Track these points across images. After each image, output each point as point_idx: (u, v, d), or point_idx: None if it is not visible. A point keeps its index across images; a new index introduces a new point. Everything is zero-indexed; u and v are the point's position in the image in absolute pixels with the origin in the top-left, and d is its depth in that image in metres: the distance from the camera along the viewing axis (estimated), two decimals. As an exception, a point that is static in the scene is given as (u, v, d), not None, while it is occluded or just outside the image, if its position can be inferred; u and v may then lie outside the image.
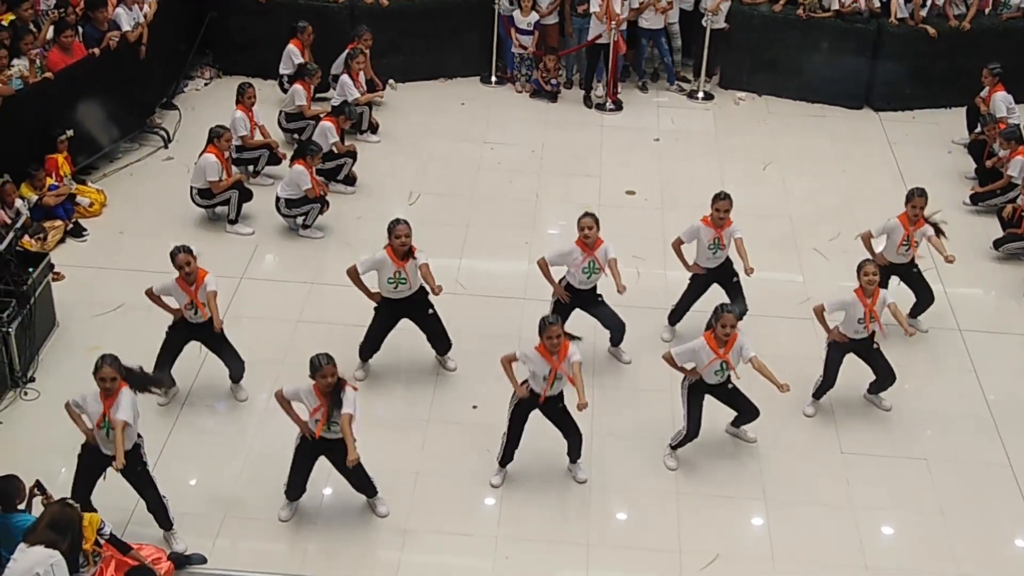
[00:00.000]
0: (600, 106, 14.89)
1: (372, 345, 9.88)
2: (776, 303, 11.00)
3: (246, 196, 11.99)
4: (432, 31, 14.96)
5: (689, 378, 8.92)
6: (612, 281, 9.49)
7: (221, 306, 9.40)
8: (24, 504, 7.65)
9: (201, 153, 11.74)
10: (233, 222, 11.97)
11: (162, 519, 8.27)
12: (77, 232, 11.77)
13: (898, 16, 14.55)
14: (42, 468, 8.23)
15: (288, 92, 13.53)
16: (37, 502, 7.72)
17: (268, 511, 8.67)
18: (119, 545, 7.72)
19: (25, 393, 9.64)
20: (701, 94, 15.19)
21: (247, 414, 9.63)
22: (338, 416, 8.02)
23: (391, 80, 14.88)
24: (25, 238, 10.71)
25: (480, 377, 9.87)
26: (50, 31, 12.34)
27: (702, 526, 8.75)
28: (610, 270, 9.56)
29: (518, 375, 8.68)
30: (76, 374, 9.38)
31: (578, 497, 8.94)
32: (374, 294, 9.66)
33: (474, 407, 9.72)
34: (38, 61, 11.90)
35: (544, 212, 12.55)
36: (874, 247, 10.47)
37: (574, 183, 13.13)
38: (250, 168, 12.73)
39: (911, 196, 10.23)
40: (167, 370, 9.50)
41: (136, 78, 13.16)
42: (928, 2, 14.58)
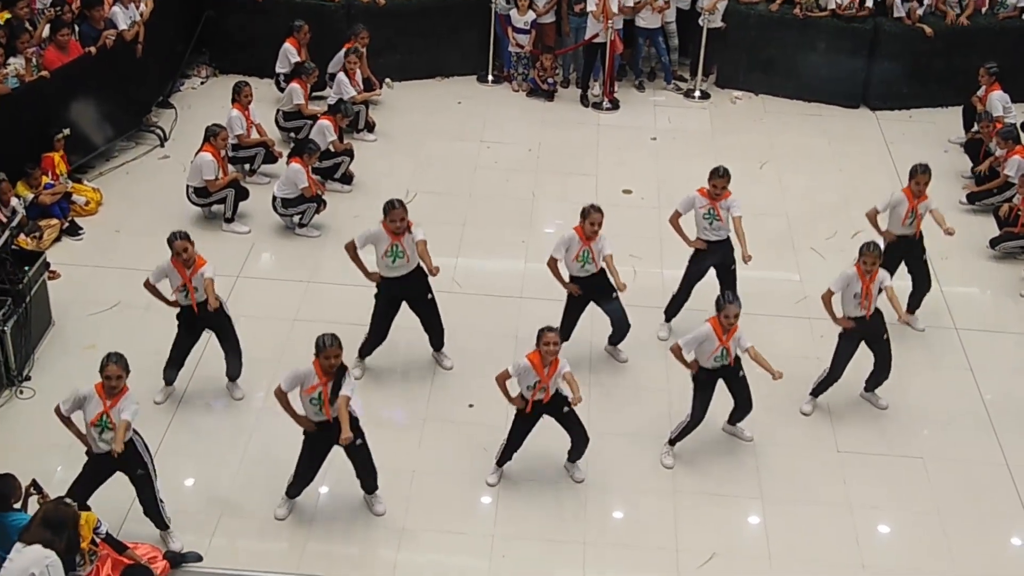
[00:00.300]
0: (597, 105, 14.89)
1: (378, 335, 9.83)
2: (773, 302, 11.01)
3: (242, 195, 11.98)
4: (429, 30, 14.95)
5: (692, 370, 8.94)
6: (613, 276, 9.49)
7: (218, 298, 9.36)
8: (20, 503, 7.65)
9: (197, 152, 11.73)
10: (229, 221, 11.96)
11: (156, 520, 8.27)
12: (73, 231, 11.75)
13: (895, 15, 14.57)
14: (38, 467, 8.23)
15: (285, 91, 13.52)
16: (33, 501, 7.71)
17: (265, 510, 8.66)
18: (115, 544, 7.71)
19: (21, 392, 9.63)
20: (698, 93, 15.19)
21: (244, 412, 9.62)
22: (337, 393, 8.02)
23: (388, 79, 14.87)
24: (21, 237, 10.69)
25: (477, 376, 9.85)
26: (46, 29, 12.32)
27: (699, 524, 8.75)
28: (607, 267, 9.55)
29: (513, 389, 8.66)
30: (72, 373, 9.39)
31: (575, 496, 8.94)
32: (372, 274, 9.65)
33: (471, 406, 9.71)
34: (34, 59, 11.88)
35: (541, 211, 12.55)
36: (880, 224, 10.47)
37: (571, 182, 13.13)
38: (246, 167, 12.72)
39: (914, 172, 10.30)
40: (176, 368, 9.55)
41: (132, 77, 13.14)
42: (925, 1, 14.60)
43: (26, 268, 9.85)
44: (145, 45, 13.17)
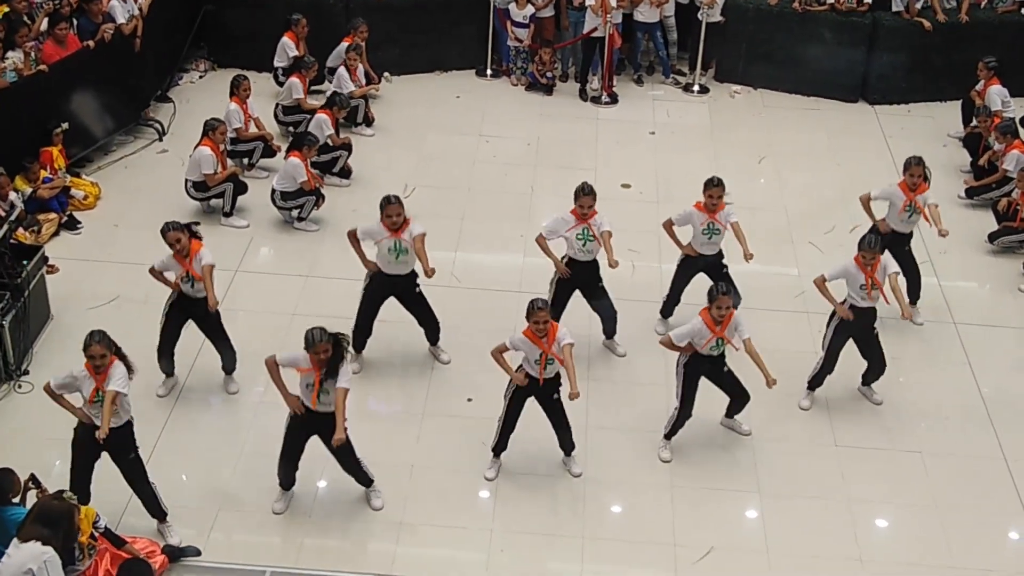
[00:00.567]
0: (596, 99, 14.88)
1: (364, 327, 9.83)
2: (771, 296, 11.01)
3: (241, 189, 11.98)
4: (428, 24, 14.94)
5: (684, 354, 8.91)
6: (619, 273, 9.52)
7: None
8: (19, 498, 7.66)
9: (196, 146, 11.73)
10: (228, 215, 11.95)
11: (154, 509, 8.27)
12: (71, 225, 11.75)
13: (894, 9, 14.56)
14: (37, 461, 8.24)
15: (285, 85, 13.51)
16: (32, 496, 7.72)
17: (263, 504, 8.67)
18: (113, 539, 7.72)
19: (19, 386, 9.63)
20: (697, 87, 15.19)
21: (242, 407, 9.63)
22: (331, 386, 7.95)
23: (386, 73, 14.86)
24: (19, 231, 10.70)
25: (475, 370, 9.86)
26: (44, 23, 12.31)
27: (697, 519, 8.76)
28: (603, 243, 9.55)
29: (512, 363, 8.67)
30: (70, 367, 9.37)
31: (573, 490, 8.95)
32: (370, 263, 9.65)
33: (469, 400, 9.72)
34: (33, 53, 11.88)
35: (540, 205, 12.54)
36: (874, 211, 10.46)
37: (569, 176, 13.02)
38: (245, 161, 12.73)
39: (908, 165, 10.31)
40: (169, 358, 9.54)
41: (131, 71, 13.13)
42: (923, -5, 14.63)
43: (24, 262, 9.87)
44: (143, 39, 13.17)
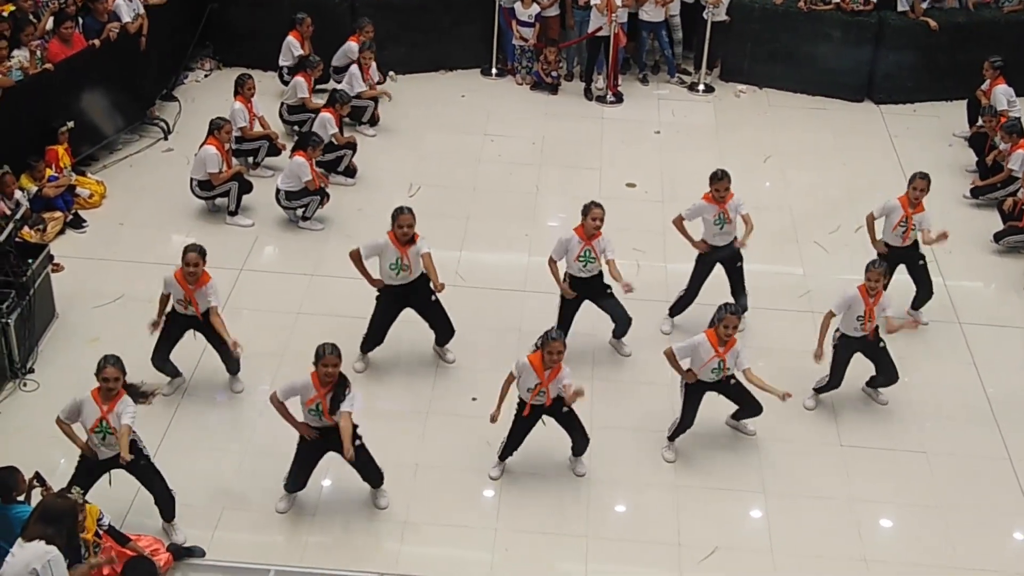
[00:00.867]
0: (601, 98, 14.87)
1: (375, 337, 9.85)
2: (776, 296, 11.00)
3: (246, 188, 11.99)
4: (433, 23, 14.94)
5: (686, 379, 8.92)
6: (624, 273, 9.52)
7: (221, 297, 9.31)
8: (24, 496, 7.66)
9: (201, 145, 11.73)
10: (233, 214, 11.96)
11: (168, 511, 8.28)
12: (77, 223, 11.76)
13: (899, 8, 14.54)
14: (41, 459, 8.23)
15: (289, 84, 13.51)
16: (37, 494, 7.72)
17: (268, 503, 8.67)
18: (118, 536, 7.72)
19: (24, 384, 9.64)
20: (702, 86, 15.17)
21: (247, 406, 9.63)
22: (337, 407, 8.01)
23: (391, 72, 14.86)
24: (25, 229, 10.69)
25: (480, 369, 9.87)
26: (50, 22, 12.33)
27: (701, 519, 8.75)
28: (610, 271, 9.50)
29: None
30: (75, 365, 9.41)
31: (577, 490, 8.94)
32: (375, 280, 9.64)
33: (474, 399, 9.70)
34: (38, 52, 11.89)
35: (544, 204, 12.54)
36: (877, 229, 10.45)
37: (574, 175, 13.12)
38: (250, 160, 12.73)
39: (913, 179, 10.25)
40: (167, 360, 9.51)
41: (136, 70, 13.14)
42: (929, -6, 14.61)
43: (30, 261, 9.87)
44: (149, 38, 13.18)
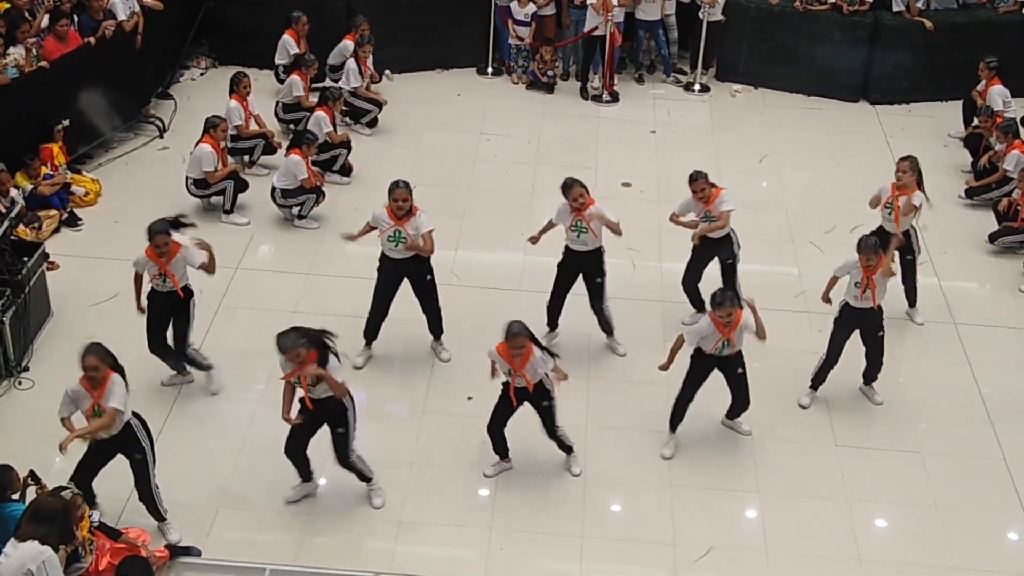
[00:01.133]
0: (596, 98, 14.88)
1: (378, 312, 9.84)
2: (771, 295, 10.97)
3: (241, 186, 11.98)
4: (429, 22, 14.94)
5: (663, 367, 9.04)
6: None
7: (216, 297, 9.32)
8: (18, 495, 7.65)
9: (197, 143, 11.73)
10: (228, 212, 11.95)
11: (152, 511, 8.26)
12: (72, 221, 11.75)
13: (895, 9, 14.56)
14: (36, 458, 8.21)
15: (285, 83, 13.50)
16: (31, 492, 7.71)
17: (264, 502, 8.67)
18: (109, 531, 7.70)
19: (19, 383, 9.63)
20: (697, 86, 15.18)
21: (243, 404, 9.62)
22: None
23: (387, 71, 14.85)
24: (20, 227, 10.69)
25: (475, 368, 9.82)
26: (46, 20, 12.30)
27: (696, 518, 8.76)
28: (605, 224, 9.65)
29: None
30: (71, 364, 9.30)
31: (572, 489, 8.95)
32: (352, 236, 9.87)
33: (469, 398, 9.71)
34: (34, 50, 11.86)
35: (540, 203, 12.48)
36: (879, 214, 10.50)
37: (570, 175, 13.03)
38: (245, 158, 12.73)
39: (898, 162, 10.39)
40: (164, 344, 9.50)
41: (132, 68, 13.12)
42: (925, -5, 14.63)
43: (25, 259, 9.86)
44: (144, 36, 13.16)
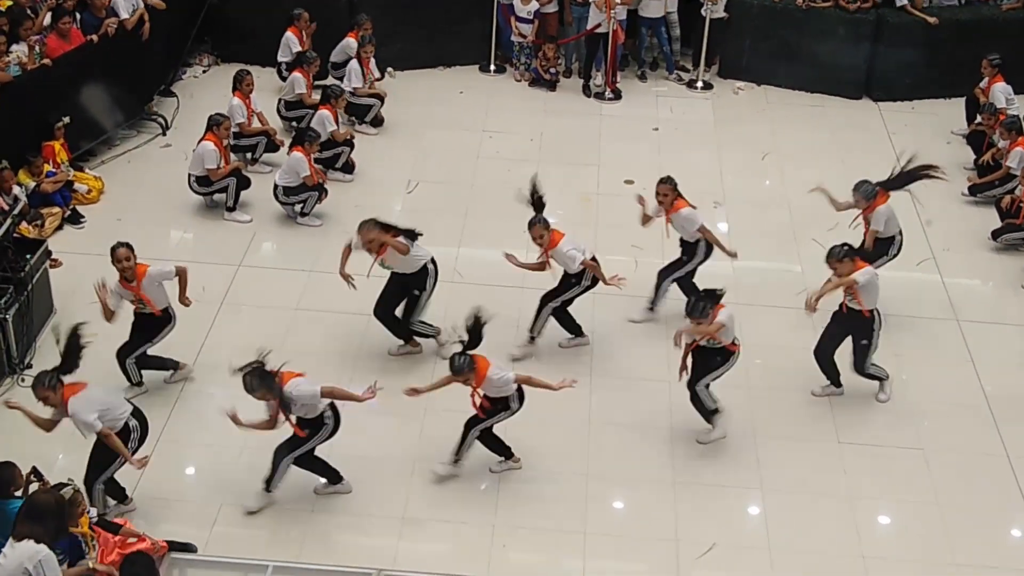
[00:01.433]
0: (599, 95, 14.87)
1: (379, 312, 9.97)
2: (773, 292, 11.01)
3: (244, 184, 11.98)
4: (431, 19, 14.93)
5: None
6: (612, 284, 9.76)
7: (218, 294, 9.32)
8: (21, 491, 7.65)
9: (199, 140, 11.73)
10: (231, 209, 11.95)
11: (88, 493, 8.08)
12: (75, 219, 11.76)
13: (898, 5, 14.55)
14: (38, 454, 8.23)
15: (287, 80, 13.50)
16: (34, 489, 7.71)
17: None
18: (108, 527, 7.69)
19: (22, 380, 9.62)
20: (700, 83, 15.17)
21: (246, 401, 9.59)
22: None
23: (390, 68, 14.85)
24: (23, 225, 10.69)
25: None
26: (48, 18, 12.30)
27: (699, 515, 8.76)
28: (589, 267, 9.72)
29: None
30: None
31: (575, 486, 8.95)
32: (347, 275, 9.87)
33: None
34: (36, 48, 11.87)
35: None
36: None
37: (573, 172, 13.11)
38: (248, 156, 12.72)
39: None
40: (158, 361, 9.58)
41: (134, 65, 13.12)
42: (928, -9, 14.61)
43: (28, 256, 9.86)
44: (147, 34, 13.16)
